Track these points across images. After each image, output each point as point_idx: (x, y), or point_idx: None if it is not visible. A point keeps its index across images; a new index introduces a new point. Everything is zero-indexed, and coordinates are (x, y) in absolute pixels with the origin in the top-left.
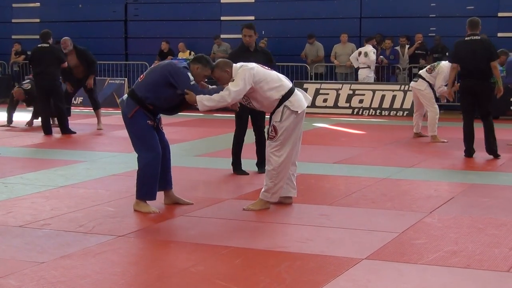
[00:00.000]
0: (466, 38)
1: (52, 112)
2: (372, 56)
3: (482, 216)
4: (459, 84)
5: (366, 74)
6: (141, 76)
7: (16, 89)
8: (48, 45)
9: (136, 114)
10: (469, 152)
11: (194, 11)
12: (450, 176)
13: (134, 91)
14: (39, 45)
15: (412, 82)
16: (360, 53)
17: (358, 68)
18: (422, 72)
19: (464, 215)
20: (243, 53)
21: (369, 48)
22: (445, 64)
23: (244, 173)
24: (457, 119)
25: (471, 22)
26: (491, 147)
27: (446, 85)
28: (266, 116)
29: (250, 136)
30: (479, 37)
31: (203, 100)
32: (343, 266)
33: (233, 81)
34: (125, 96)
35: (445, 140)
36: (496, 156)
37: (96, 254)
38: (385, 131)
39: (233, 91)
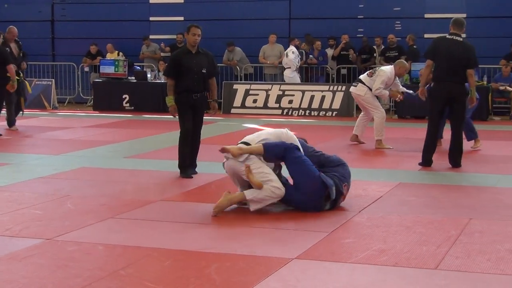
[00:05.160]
0: (447, 36)
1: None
2: (291, 55)
3: (410, 215)
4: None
5: (287, 75)
6: None
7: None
8: None
9: None
10: (427, 162)
11: (122, 12)
12: (378, 176)
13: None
14: None
15: (351, 87)
16: (286, 54)
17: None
18: (362, 76)
19: (392, 214)
20: (185, 55)
21: (288, 49)
22: (386, 69)
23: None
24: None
25: (455, 21)
26: (455, 160)
27: (384, 88)
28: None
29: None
30: (461, 39)
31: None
32: (273, 266)
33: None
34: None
35: (391, 147)
36: (458, 166)
37: (22, 258)
38: (315, 132)
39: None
